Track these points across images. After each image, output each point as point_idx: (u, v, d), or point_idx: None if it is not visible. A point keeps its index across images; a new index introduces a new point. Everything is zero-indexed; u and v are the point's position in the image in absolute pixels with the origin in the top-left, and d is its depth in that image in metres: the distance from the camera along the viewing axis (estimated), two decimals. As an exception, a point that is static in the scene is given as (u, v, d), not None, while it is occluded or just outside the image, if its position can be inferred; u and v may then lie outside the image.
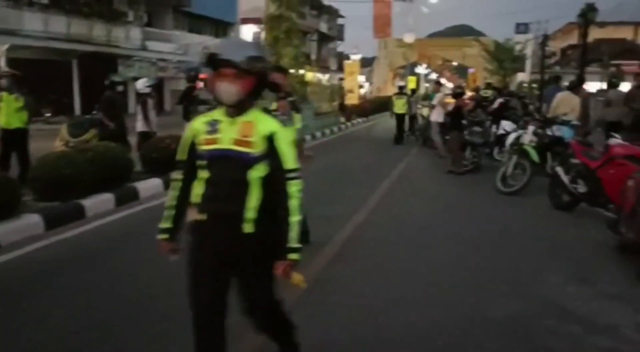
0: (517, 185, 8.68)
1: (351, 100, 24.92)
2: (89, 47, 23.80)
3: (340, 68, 39.24)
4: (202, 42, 26.18)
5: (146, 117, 9.96)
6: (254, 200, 2.57)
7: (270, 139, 2.59)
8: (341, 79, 26.41)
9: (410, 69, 59.14)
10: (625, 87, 13.78)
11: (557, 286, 4.78)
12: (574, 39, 56.79)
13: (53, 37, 22.11)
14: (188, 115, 10.83)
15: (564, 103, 11.23)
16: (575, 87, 11.51)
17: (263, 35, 17.26)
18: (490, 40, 48.76)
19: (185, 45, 30.58)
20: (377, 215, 7.40)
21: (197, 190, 2.65)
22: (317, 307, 4.27)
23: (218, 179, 2.60)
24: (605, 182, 6.72)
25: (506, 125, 12.61)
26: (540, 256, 5.66)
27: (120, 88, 9.19)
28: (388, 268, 5.24)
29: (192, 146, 2.68)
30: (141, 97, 10.12)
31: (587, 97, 12.14)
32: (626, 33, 49.35)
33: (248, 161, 2.56)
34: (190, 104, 11.12)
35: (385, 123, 25.36)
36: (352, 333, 3.86)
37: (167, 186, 8.24)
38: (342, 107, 23.76)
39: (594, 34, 53.86)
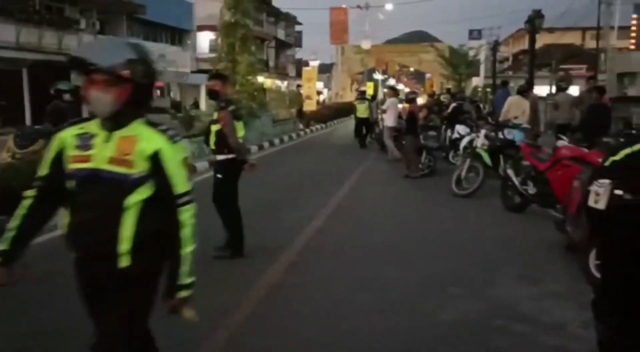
0: (470, 188, 8.86)
1: (309, 106, 25.00)
2: (39, 56, 23.14)
3: (299, 74, 39.40)
4: (158, 50, 25.82)
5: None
6: (129, 228, 2.17)
7: (155, 159, 2.20)
8: (299, 85, 26.44)
9: (368, 75, 59.77)
10: (573, 90, 14.28)
11: (508, 287, 4.89)
12: (524, 44, 58.53)
13: (2, 46, 21.42)
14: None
15: (515, 107, 11.55)
16: (525, 91, 11.86)
17: (219, 42, 17.15)
18: (445, 46, 49.80)
19: (140, 53, 30.02)
20: (335, 221, 7.42)
21: (65, 219, 2.26)
22: (275, 315, 4.26)
23: (87, 205, 2.19)
24: (553, 183, 6.93)
25: (460, 129, 12.87)
26: (492, 257, 5.78)
27: (67, 97, 8.63)
28: (346, 274, 5.25)
29: (57, 161, 2.28)
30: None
31: (536, 101, 12.51)
32: (574, 38, 51.13)
33: (126, 184, 2.18)
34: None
35: (344, 129, 25.55)
36: (311, 341, 3.84)
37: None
38: (301, 114, 23.81)
39: (544, 39, 55.54)
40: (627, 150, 3.13)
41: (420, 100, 20.17)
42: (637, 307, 3.19)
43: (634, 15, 35.75)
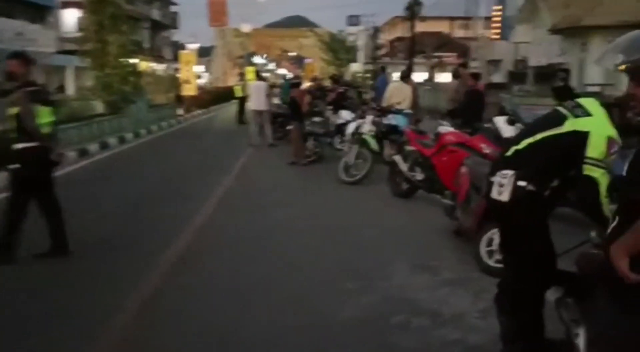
0: (359, 174, 8.77)
1: (188, 91, 23.92)
2: None
3: (177, 58, 37.75)
4: (15, 28, 23.26)
5: None
6: None
7: None
8: (177, 69, 25.19)
9: (248, 58, 58.97)
10: (447, 77, 14.83)
11: (404, 278, 4.76)
12: (400, 32, 60.83)
13: None
14: None
15: (396, 92, 11.67)
16: (407, 76, 12.03)
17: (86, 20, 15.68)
18: (325, 32, 50.30)
19: (-7, 31, 26.94)
20: (219, 215, 6.94)
21: None
22: (160, 318, 3.79)
23: None
24: (439, 169, 6.98)
25: (345, 114, 12.82)
26: (385, 246, 5.65)
27: None
28: (233, 273, 4.85)
29: None
30: None
31: (416, 87, 12.76)
32: (443, 27, 53.91)
33: None
34: None
35: (227, 114, 24.82)
36: (196, 343, 3.43)
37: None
38: (179, 99, 22.69)
39: (417, 27, 58.01)
40: (530, 140, 3.04)
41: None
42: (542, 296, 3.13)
43: (496, 7, 38.48)
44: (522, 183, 2.86)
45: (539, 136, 2.85)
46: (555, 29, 19.93)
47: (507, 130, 7.84)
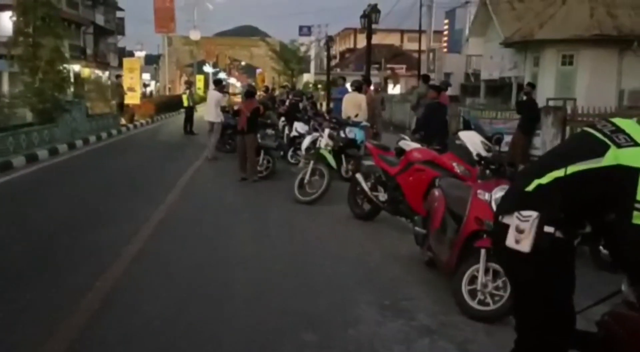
0: (315, 192, 8.01)
1: (133, 99, 22.63)
2: None
3: (122, 64, 36.22)
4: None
5: None
6: None
7: None
8: (119, 75, 23.86)
9: (198, 67, 57.61)
10: (398, 89, 14.38)
11: (372, 324, 4.02)
12: (350, 43, 60.93)
13: None
14: None
15: (352, 104, 11.06)
16: (359, 86, 11.42)
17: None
18: (277, 41, 49.54)
19: None
20: (155, 243, 6.02)
21: None
22: None
23: None
24: (405, 189, 6.33)
25: (299, 126, 12.12)
26: (348, 282, 4.90)
27: None
28: (170, 319, 3.98)
29: None
30: None
31: (374, 98, 12.19)
32: (394, 39, 54.28)
33: None
34: None
35: (173, 124, 23.67)
36: None
37: None
38: (122, 108, 21.40)
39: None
40: (558, 173, 2.35)
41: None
42: None
43: (446, 20, 38.83)
44: (549, 229, 2.17)
45: (570, 169, 2.15)
46: (508, 43, 19.87)
47: (478, 148, 7.32)
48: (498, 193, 4.11)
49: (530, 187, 2.24)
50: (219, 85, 14.10)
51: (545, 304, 2.28)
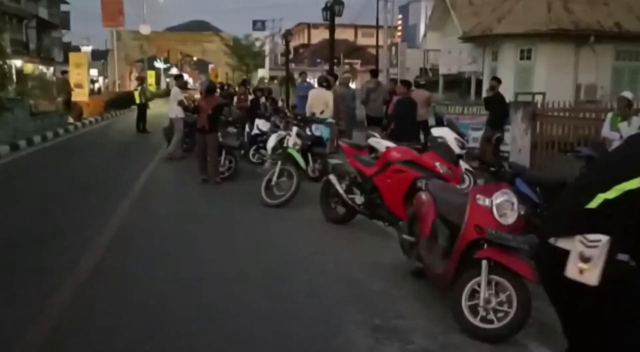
0: (284, 195, 7.50)
1: (80, 96, 21.47)
2: None
3: (68, 60, 34.54)
4: None
5: None
6: None
7: None
8: (65, 71, 22.62)
9: (149, 63, 55.98)
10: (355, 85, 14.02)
11: (363, 348, 3.58)
12: (304, 38, 60.43)
13: None
14: None
15: (318, 100, 10.61)
16: (325, 82, 10.96)
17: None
18: (231, 36, 48.53)
19: None
20: (112, 259, 5.38)
21: None
22: None
23: None
24: (384, 192, 5.90)
25: (260, 124, 11.57)
26: (330, 297, 4.44)
27: None
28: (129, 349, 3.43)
29: None
30: None
31: (340, 94, 11.75)
32: (348, 35, 54.09)
33: None
34: None
35: (125, 122, 22.63)
36: None
37: None
38: (69, 105, 20.24)
39: (321, 34, 57.95)
40: (628, 185, 1.92)
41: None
42: None
43: (400, 16, 38.85)
44: (623, 257, 1.75)
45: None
46: (467, 37, 19.80)
47: (452, 145, 6.99)
48: (499, 198, 3.73)
49: (593, 204, 1.82)
50: (180, 80, 13.38)
51: (612, 338, 1.87)
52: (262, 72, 47.93)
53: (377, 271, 5.07)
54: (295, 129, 8.02)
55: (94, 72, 60.07)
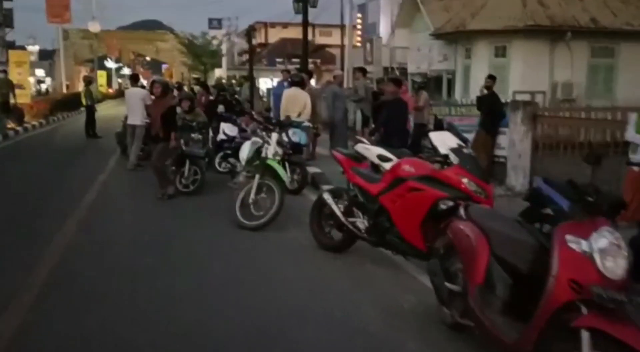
0: (264, 215, 6.26)
1: (22, 98, 19.56)
2: None
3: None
4: None
5: None
6: None
7: None
8: (3, 71, 20.59)
9: (99, 62, 53.55)
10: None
11: None
12: (261, 38, 58.95)
13: None
14: None
15: (293, 101, 9.45)
16: (300, 81, 9.80)
17: None
18: (186, 34, 46.65)
19: None
20: (46, 309, 4.08)
21: None
22: None
23: None
24: (395, 214, 4.76)
25: (227, 128, 10.29)
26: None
27: None
28: None
29: None
30: None
31: (315, 94, 10.59)
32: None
33: None
34: None
35: (73, 125, 20.81)
36: None
37: None
38: (8, 108, 18.30)
39: (279, 33, 56.85)
40: None
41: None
42: None
43: (359, 14, 37.99)
44: None
45: None
46: (438, 34, 18.95)
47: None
48: (601, 241, 2.63)
49: None
50: (137, 79, 11.95)
51: None
52: (219, 72, 46.31)
53: (400, 320, 3.93)
54: (274, 135, 6.79)
55: (41, 72, 57.10)
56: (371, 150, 7.19)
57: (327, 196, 5.37)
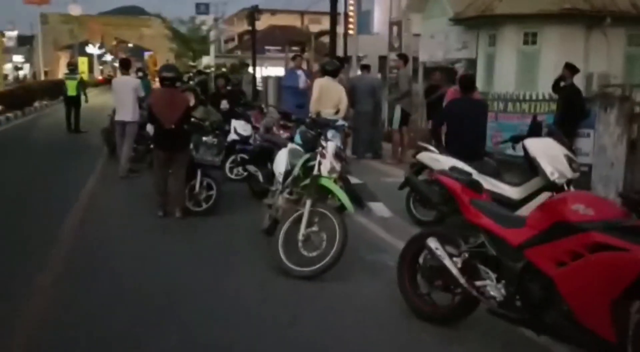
0: (321, 258, 4.46)
1: (-6, 86, 17.53)
2: None
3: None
4: None
5: None
6: None
7: None
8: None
9: (80, 48, 51.31)
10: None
11: None
12: (249, 25, 56.98)
13: None
14: None
15: (327, 94, 7.65)
16: (336, 70, 8.00)
17: None
18: (174, 19, 44.53)
19: None
20: None
21: None
22: None
23: None
24: (564, 286, 2.99)
25: (239, 126, 8.50)
26: None
27: None
28: None
29: None
30: None
31: (347, 87, 8.82)
32: (293, 21, 51.65)
33: None
34: None
35: (52, 117, 18.77)
36: None
37: None
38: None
39: (267, 20, 54.94)
40: None
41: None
42: None
43: (352, 1, 36.23)
44: None
45: None
46: (459, 19, 17.21)
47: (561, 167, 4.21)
48: None
49: None
50: (129, 66, 9.91)
51: None
52: (207, 60, 44.32)
53: None
54: (331, 145, 4.96)
55: (19, 58, 54.49)
56: (441, 162, 5.51)
57: (434, 245, 3.55)
